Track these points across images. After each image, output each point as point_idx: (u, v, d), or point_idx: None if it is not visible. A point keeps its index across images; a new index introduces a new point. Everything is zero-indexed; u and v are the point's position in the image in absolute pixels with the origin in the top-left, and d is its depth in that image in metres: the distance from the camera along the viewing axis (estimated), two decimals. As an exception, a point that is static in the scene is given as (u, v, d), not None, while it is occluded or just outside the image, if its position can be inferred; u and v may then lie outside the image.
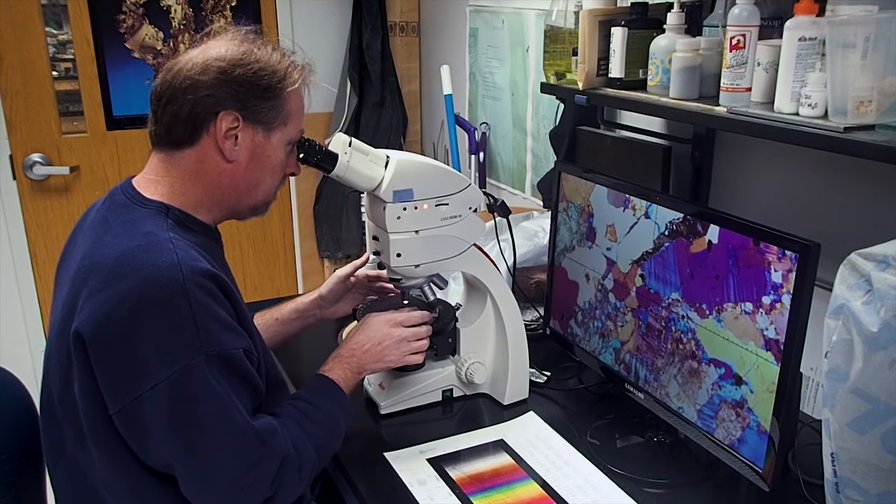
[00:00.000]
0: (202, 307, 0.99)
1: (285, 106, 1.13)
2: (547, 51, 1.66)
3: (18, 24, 2.47)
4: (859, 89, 1.00)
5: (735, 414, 1.14)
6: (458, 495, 1.19)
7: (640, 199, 1.29)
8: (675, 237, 1.22)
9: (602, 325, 1.41)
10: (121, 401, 0.99)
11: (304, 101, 1.18)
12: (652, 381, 1.30)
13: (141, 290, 0.97)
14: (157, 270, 0.98)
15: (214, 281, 1.03)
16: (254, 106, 1.10)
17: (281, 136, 1.14)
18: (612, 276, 1.37)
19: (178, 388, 0.97)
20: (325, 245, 3.03)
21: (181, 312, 0.98)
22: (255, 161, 1.13)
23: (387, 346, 1.28)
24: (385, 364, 1.29)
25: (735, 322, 1.12)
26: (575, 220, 1.46)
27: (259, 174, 1.15)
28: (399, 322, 1.31)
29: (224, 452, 1.01)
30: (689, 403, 1.22)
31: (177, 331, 0.98)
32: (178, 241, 1.04)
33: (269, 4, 2.80)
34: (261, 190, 1.17)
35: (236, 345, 1.03)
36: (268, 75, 1.10)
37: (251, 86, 1.09)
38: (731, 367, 1.14)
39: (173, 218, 1.10)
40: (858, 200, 1.32)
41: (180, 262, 1.00)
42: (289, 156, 1.19)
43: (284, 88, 1.12)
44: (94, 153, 2.68)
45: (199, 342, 0.98)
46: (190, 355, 0.97)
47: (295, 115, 1.16)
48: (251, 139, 1.12)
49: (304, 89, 1.17)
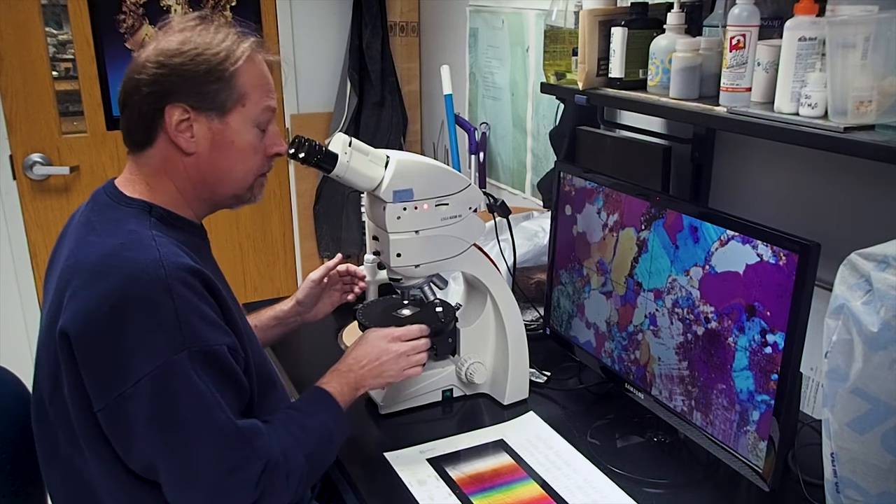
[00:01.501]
0: (185, 303, 0.99)
1: (235, 86, 1.08)
2: (547, 51, 1.66)
3: (18, 24, 2.47)
4: (859, 89, 1.00)
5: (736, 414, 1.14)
6: (458, 495, 1.19)
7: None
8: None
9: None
10: (105, 398, 0.98)
11: (265, 74, 1.13)
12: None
13: (124, 287, 0.97)
14: (140, 267, 0.98)
15: (198, 277, 1.03)
16: (200, 93, 1.07)
17: (240, 117, 1.10)
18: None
19: (161, 385, 0.97)
20: (325, 245, 3.03)
21: (164, 309, 0.97)
22: (217, 149, 1.10)
23: (385, 361, 1.27)
24: (384, 380, 1.28)
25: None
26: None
27: (227, 161, 1.11)
28: (397, 337, 1.30)
29: (206, 451, 1.00)
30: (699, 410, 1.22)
31: (159, 327, 0.97)
32: (160, 238, 1.04)
33: (269, 4, 2.80)
34: (235, 177, 1.13)
35: (220, 341, 1.02)
36: (207, 59, 1.06)
37: (191, 74, 1.06)
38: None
39: (156, 216, 1.10)
40: (858, 200, 1.32)
41: (163, 259, 1.00)
42: (266, 135, 1.14)
43: (228, 69, 1.07)
44: (94, 153, 2.68)
45: (181, 338, 0.97)
46: (173, 351, 0.97)
47: (252, 91, 1.10)
48: (207, 127, 1.09)
49: (260, 62, 1.12)
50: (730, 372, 1.14)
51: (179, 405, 0.98)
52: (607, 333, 1.41)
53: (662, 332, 1.27)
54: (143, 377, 0.96)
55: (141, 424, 0.98)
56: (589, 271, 1.45)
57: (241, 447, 1.02)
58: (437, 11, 2.78)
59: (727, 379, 1.15)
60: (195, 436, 0.99)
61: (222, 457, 1.00)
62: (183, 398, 0.98)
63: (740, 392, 1.13)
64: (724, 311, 1.14)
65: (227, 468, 1.01)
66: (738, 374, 1.13)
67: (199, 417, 0.99)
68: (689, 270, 1.20)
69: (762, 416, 1.10)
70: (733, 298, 1.12)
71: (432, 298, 1.40)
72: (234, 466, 1.01)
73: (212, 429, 1.00)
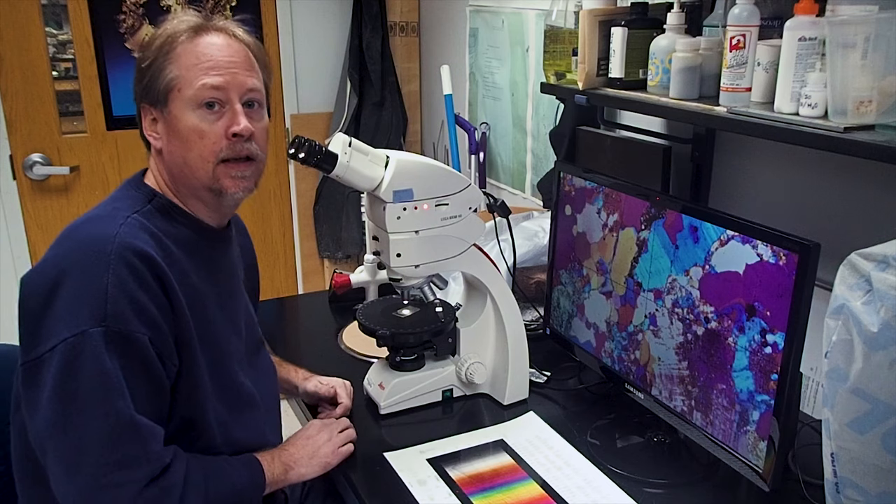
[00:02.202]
0: (120, 283, 0.98)
1: (171, 73, 1.08)
2: (547, 51, 1.66)
3: (18, 24, 2.48)
4: (859, 89, 1.00)
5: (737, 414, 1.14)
6: (458, 495, 1.19)
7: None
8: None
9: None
10: (25, 356, 0.99)
11: (204, 53, 1.08)
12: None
13: (72, 253, 1.00)
14: (92, 238, 1.01)
15: (147, 263, 1.01)
16: (146, 89, 1.10)
17: (178, 102, 1.08)
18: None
19: (71, 355, 0.96)
20: (325, 245, 3.03)
21: (97, 282, 0.97)
22: (171, 139, 1.10)
23: (319, 440, 1.25)
24: (320, 459, 1.23)
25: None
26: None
27: (180, 150, 1.10)
28: (331, 424, 1.29)
29: (96, 435, 0.96)
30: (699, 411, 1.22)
31: (87, 298, 0.97)
32: (135, 221, 1.06)
33: (269, 4, 2.80)
34: (192, 165, 1.10)
35: (142, 330, 0.99)
36: (147, 55, 1.10)
37: (141, 72, 1.10)
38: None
39: (157, 205, 1.11)
40: (858, 200, 1.32)
41: (116, 236, 1.01)
42: (222, 117, 1.09)
43: (162, 58, 1.08)
44: (94, 153, 2.68)
45: (103, 314, 0.96)
46: (90, 324, 0.96)
47: (187, 73, 1.08)
48: (162, 120, 1.11)
49: (202, 44, 1.09)
50: (730, 372, 1.14)
51: (81, 381, 0.96)
52: (607, 333, 1.41)
53: (662, 332, 1.27)
54: (59, 344, 0.96)
55: (45, 394, 0.97)
56: (589, 271, 1.45)
57: (133, 442, 0.98)
58: (437, 11, 2.78)
59: (727, 379, 1.15)
60: (89, 417, 0.96)
61: (111, 446, 0.97)
62: (86, 375, 0.96)
63: (740, 392, 1.13)
64: (724, 311, 1.14)
65: (115, 459, 0.97)
66: (738, 374, 1.13)
67: (98, 399, 0.96)
68: (689, 270, 1.20)
69: (762, 416, 1.10)
70: (733, 298, 1.12)
71: (432, 298, 1.40)
72: (120, 460, 0.97)
73: (107, 414, 0.97)
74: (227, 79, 1.09)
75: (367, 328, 1.42)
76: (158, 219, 1.10)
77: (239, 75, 1.10)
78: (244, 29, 1.15)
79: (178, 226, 1.12)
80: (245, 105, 1.11)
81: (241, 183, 1.12)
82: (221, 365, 1.14)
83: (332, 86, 2.91)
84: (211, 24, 1.12)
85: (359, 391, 1.47)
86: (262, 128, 1.14)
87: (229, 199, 1.14)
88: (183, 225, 1.13)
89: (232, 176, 1.11)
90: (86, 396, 0.96)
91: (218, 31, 1.11)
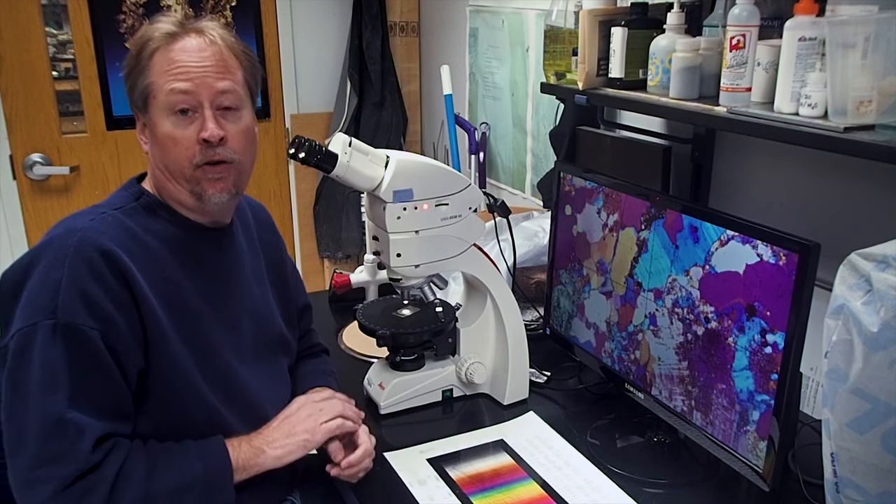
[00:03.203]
0: (74, 277, 1.00)
1: (142, 81, 1.09)
2: (547, 51, 1.66)
3: (18, 24, 2.47)
4: (859, 89, 1.00)
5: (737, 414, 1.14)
6: (458, 495, 1.19)
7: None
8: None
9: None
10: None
11: (174, 59, 1.08)
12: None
13: (41, 249, 1.04)
14: (59, 234, 1.04)
15: (106, 259, 1.02)
16: (131, 97, 1.13)
17: (154, 109, 1.09)
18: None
19: (22, 345, 0.99)
20: (325, 245, 3.03)
21: (53, 275, 1.00)
22: (153, 144, 1.12)
23: (296, 418, 1.18)
24: (298, 438, 1.15)
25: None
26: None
27: (160, 154, 1.11)
28: (314, 399, 1.23)
29: (32, 428, 0.98)
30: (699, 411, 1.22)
31: (43, 291, 1.00)
32: (110, 216, 1.08)
33: (269, 4, 2.80)
34: (172, 170, 1.11)
35: (90, 324, 0.99)
36: (127, 62, 1.12)
37: (124, 79, 1.13)
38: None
39: (143, 203, 1.13)
40: (858, 200, 1.32)
41: (80, 231, 1.03)
42: (186, 123, 1.09)
43: (139, 65, 1.10)
44: (94, 153, 2.68)
45: (53, 306, 0.98)
46: (41, 316, 0.99)
47: (158, 79, 1.08)
48: (147, 126, 1.13)
49: (174, 49, 1.09)
50: (730, 372, 1.14)
51: (27, 373, 0.99)
52: (607, 333, 1.41)
53: (662, 332, 1.27)
54: (14, 334, 0.99)
55: (2, 379, 1.01)
56: (589, 271, 1.45)
57: (58, 440, 0.98)
58: (437, 11, 2.78)
59: (727, 379, 1.15)
60: (31, 408, 0.98)
61: (41, 440, 0.98)
62: (32, 366, 0.98)
63: (740, 392, 1.13)
64: (724, 311, 1.14)
65: (43, 455, 0.97)
66: (738, 374, 1.13)
67: (37, 392, 0.98)
68: (689, 270, 1.20)
69: (762, 416, 1.10)
70: (733, 298, 1.12)
71: (432, 298, 1.40)
72: (47, 458, 0.97)
73: (42, 409, 0.98)
74: (196, 83, 1.08)
75: (367, 328, 1.42)
76: (142, 216, 1.12)
77: (209, 79, 1.09)
78: (225, 29, 1.15)
79: (163, 222, 1.13)
80: (221, 108, 1.11)
81: (218, 185, 1.12)
82: (212, 356, 1.13)
83: (332, 86, 2.91)
84: (187, 26, 1.11)
85: (359, 391, 1.47)
86: (238, 130, 1.12)
87: (211, 202, 1.13)
88: (168, 222, 1.13)
89: (209, 178, 1.11)
90: (28, 388, 0.99)
91: (195, 34, 1.11)
